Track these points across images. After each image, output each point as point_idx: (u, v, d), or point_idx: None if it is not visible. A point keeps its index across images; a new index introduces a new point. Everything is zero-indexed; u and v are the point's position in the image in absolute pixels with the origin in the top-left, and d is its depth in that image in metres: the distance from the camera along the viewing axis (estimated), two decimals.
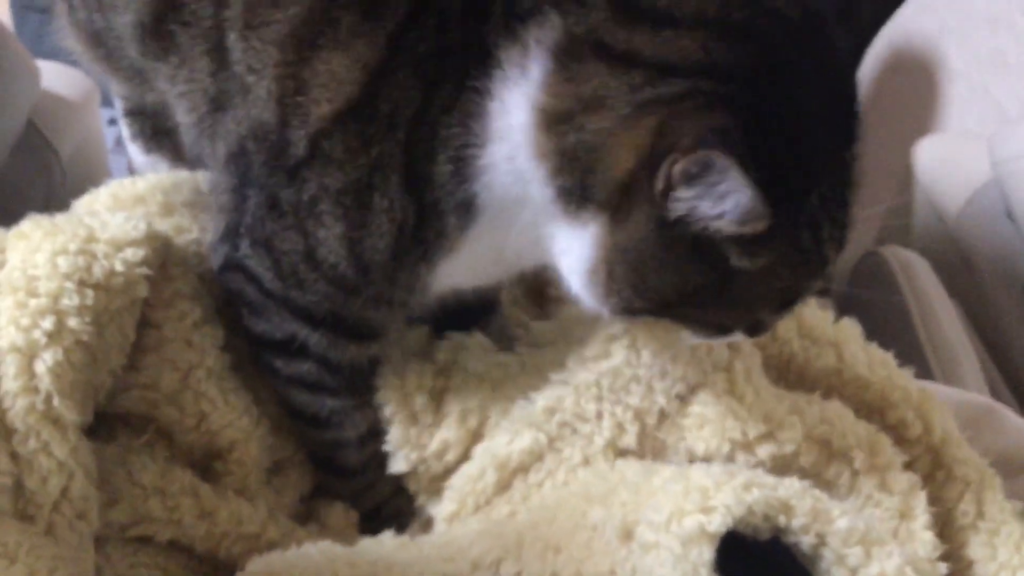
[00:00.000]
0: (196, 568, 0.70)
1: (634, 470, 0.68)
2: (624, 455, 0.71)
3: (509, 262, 0.68)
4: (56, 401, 0.62)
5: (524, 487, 0.71)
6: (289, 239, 0.65)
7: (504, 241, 0.64)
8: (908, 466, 0.74)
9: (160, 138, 1.04)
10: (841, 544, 0.60)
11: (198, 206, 0.81)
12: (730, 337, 0.66)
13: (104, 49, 0.81)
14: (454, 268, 0.66)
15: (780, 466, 0.70)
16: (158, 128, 1.04)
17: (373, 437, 0.75)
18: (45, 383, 0.61)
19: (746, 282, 0.59)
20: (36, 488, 0.61)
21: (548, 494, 0.70)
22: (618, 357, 0.71)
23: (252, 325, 0.72)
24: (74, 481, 0.62)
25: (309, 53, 0.60)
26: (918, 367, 0.80)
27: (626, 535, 0.62)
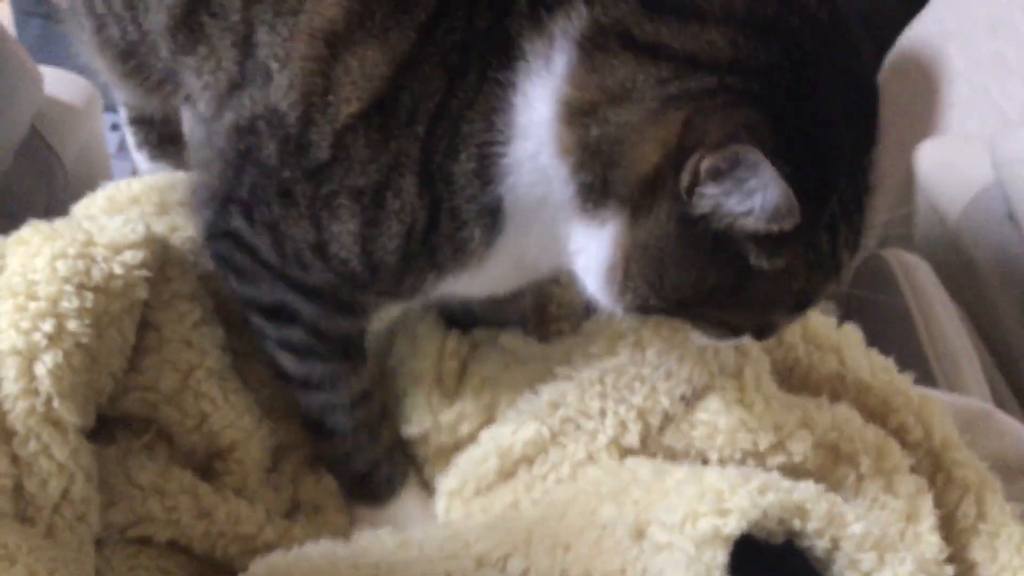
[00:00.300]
0: (195, 569, 0.70)
1: (646, 469, 0.68)
2: (629, 454, 0.71)
3: (527, 269, 0.67)
4: (56, 403, 0.62)
5: (528, 477, 0.71)
6: (300, 227, 0.64)
7: (526, 248, 0.63)
8: (911, 470, 0.74)
9: (165, 146, 1.05)
10: (855, 549, 0.60)
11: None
12: (739, 339, 0.66)
13: (135, 61, 0.80)
14: (471, 279, 0.65)
15: (788, 470, 0.70)
16: (164, 136, 1.04)
17: (365, 400, 0.75)
18: (45, 385, 0.62)
19: (762, 283, 0.58)
20: (36, 490, 0.61)
21: (557, 490, 0.70)
22: (623, 355, 0.71)
23: (240, 288, 0.71)
24: (74, 483, 0.62)
25: (342, 48, 0.59)
26: (920, 370, 0.80)
27: (638, 534, 0.62)
